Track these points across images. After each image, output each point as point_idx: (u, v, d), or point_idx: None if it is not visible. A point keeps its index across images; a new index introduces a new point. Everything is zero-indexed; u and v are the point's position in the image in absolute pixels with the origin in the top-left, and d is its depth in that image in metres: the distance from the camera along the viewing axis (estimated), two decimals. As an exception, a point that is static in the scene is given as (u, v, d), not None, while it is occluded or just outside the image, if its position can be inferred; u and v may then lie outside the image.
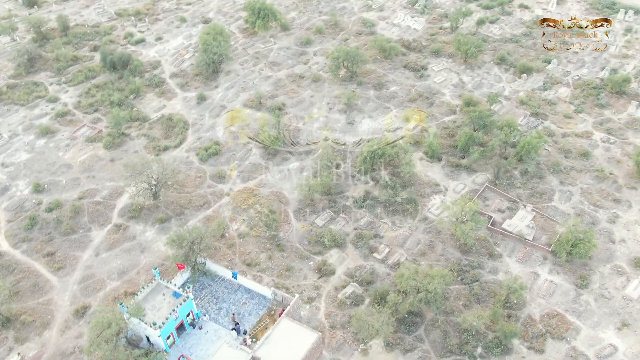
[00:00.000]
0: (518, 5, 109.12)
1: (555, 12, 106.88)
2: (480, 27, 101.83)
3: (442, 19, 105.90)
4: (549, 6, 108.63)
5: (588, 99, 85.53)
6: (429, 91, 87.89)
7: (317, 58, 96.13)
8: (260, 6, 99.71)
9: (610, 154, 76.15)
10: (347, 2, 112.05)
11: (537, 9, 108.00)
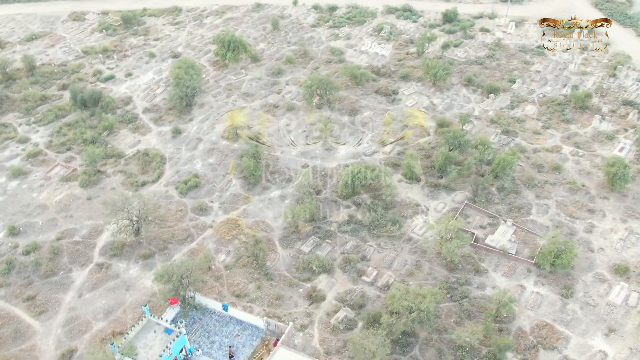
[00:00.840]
0: (479, 29, 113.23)
1: (515, 34, 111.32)
2: (445, 50, 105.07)
3: (408, 44, 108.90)
4: (508, 29, 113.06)
5: (554, 115, 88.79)
6: (402, 115, 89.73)
7: (289, 87, 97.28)
8: (229, 39, 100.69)
9: (580, 166, 78.93)
10: (314, 32, 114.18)
11: (497, 32, 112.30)
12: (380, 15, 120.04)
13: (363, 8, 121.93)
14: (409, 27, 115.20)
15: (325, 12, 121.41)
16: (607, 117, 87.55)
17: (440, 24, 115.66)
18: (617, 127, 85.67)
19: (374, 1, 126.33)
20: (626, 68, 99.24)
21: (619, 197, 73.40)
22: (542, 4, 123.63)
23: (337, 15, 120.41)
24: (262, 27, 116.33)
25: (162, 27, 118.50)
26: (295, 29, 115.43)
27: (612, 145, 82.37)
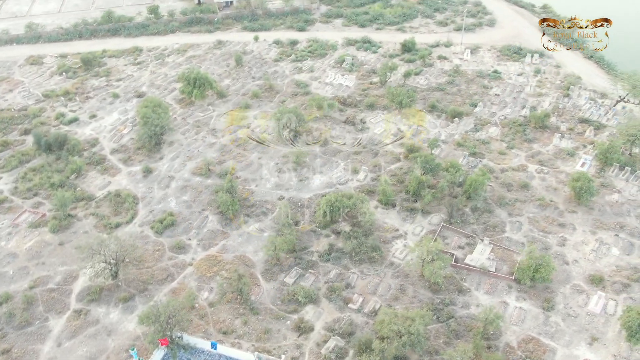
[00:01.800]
0: (437, 57, 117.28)
1: (471, 60, 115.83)
2: (407, 79, 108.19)
3: (371, 74, 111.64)
4: (465, 56, 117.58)
5: (516, 136, 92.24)
6: (371, 143, 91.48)
7: (258, 121, 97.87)
8: (195, 76, 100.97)
9: (547, 183, 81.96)
10: (277, 67, 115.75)
11: (454, 59, 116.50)
12: (340, 47, 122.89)
13: (323, 41, 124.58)
14: (370, 58, 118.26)
15: (287, 47, 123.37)
16: (566, 135, 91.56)
17: (399, 53, 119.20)
18: (577, 144, 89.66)
19: (333, 34, 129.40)
20: (578, 88, 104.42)
21: (586, 210, 76.42)
22: (493, 31, 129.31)
23: (298, 49, 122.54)
24: (226, 63, 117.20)
25: (123, 67, 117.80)
26: (259, 64, 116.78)
27: (574, 161, 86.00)
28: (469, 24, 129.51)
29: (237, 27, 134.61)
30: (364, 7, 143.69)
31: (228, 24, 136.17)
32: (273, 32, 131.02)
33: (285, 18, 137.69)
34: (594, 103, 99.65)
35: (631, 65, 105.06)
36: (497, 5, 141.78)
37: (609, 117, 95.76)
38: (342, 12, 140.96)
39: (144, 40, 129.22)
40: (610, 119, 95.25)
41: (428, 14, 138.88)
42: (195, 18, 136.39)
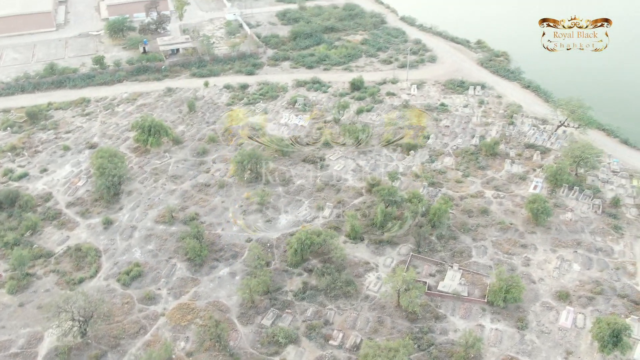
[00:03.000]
0: (386, 93, 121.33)
1: (418, 95, 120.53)
2: (360, 116, 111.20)
3: (324, 113, 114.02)
4: (411, 91, 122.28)
5: (470, 164, 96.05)
6: (332, 179, 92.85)
7: (217, 165, 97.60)
8: (149, 123, 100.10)
9: (504, 207, 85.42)
10: (231, 111, 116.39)
11: (402, 94, 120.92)
12: (291, 88, 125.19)
13: (274, 84, 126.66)
14: (321, 98, 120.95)
15: (238, 91, 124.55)
16: (515, 160, 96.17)
17: (349, 92, 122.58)
18: (527, 168, 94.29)
19: (282, 76, 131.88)
20: (520, 116, 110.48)
21: (544, 230, 80.00)
22: (435, 67, 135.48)
23: (249, 92, 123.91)
24: (178, 110, 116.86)
25: (71, 119, 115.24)
26: (212, 109, 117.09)
27: (526, 184, 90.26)
28: (412, 61, 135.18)
29: (185, 74, 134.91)
30: (309, 49, 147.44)
31: (176, 71, 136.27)
32: (222, 77, 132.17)
33: (233, 63, 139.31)
34: (537, 129, 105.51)
35: (564, 93, 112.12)
36: (435, 43, 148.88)
37: (552, 142, 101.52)
38: (288, 55, 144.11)
39: (91, 90, 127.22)
40: (554, 143, 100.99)
41: (371, 54, 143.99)
42: (142, 67, 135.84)
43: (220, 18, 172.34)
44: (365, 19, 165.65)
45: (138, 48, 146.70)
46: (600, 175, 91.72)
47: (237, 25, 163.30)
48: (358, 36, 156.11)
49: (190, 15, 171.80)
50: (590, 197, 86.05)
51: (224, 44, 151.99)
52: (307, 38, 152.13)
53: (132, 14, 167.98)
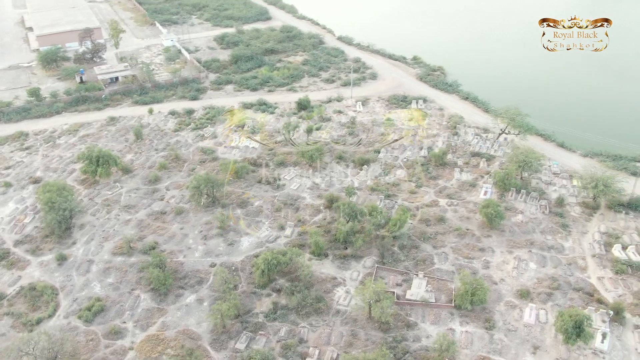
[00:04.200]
0: (333, 111, 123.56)
1: (364, 111, 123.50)
2: (310, 134, 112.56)
3: (274, 134, 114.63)
4: (357, 108, 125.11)
5: (422, 175, 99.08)
6: (290, 198, 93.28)
7: (171, 192, 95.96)
8: (97, 154, 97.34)
9: (459, 214, 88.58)
10: (179, 136, 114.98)
11: (348, 112, 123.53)
12: (238, 112, 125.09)
13: (220, 107, 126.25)
14: (269, 119, 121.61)
15: (184, 116, 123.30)
16: (464, 168, 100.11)
17: (296, 112, 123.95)
18: (475, 175, 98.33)
19: (227, 100, 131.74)
20: (463, 126, 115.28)
21: (499, 232, 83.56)
22: (377, 83, 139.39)
23: (196, 117, 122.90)
24: (124, 138, 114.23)
25: (10, 154, 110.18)
26: (159, 136, 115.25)
27: (476, 191, 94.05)
28: (355, 78, 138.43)
29: (127, 102, 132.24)
30: (252, 72, 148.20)
31: (117, 99, 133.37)
32: (167, 104, 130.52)
33: (176, 89, 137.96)
34: (480, 138, 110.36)
35: (500, 102, 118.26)
36: (375, 61, 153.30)
37: (495, 149, 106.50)
38: (231, 78, 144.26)
39: (28, 124, 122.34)
40: (497, 150, 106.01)
41: (314, 73, 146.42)
42: (81, 97, 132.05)
43: (157, 45, 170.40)
44: (304, 40, 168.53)
45: (74, 78, 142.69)
46: (543, 178, 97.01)
47: (176, 51, 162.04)
48: (298, 57, 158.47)
49: (126, 43, 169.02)
50: (536, 198, 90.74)
51: (164, 70, 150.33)
52: (248, 61, 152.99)
53: (64, 43, 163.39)
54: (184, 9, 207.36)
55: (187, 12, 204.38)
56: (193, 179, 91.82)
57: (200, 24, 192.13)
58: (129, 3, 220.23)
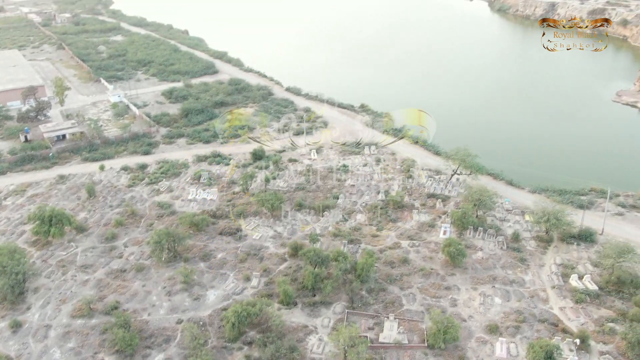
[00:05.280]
0: (288, 160, 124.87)
1: (319, 159, 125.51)
2: (268, 184, 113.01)
3: (231, 185, 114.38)
4: (312, 156, 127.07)
5: (382, 218, 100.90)
6: (253, 249, 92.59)
7: (129, 249, 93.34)
8: (50, 213, 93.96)
9: (421, 254, 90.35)
10: (133, 192, 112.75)
11: (304, 160, 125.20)
12: (192, 164, 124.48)
13: (174, 161, 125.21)
14: (225, 170, 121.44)
15: (137, 171, 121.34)
16: (421, 210, 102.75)
17: (251, 162, 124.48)
18: (433, 216, 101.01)
19: (181, 153, 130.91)
20: (416, 169, 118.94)
21: (462, 270, 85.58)
22: (328, 131, 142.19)
23: (149, 172, 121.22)
24: (76, 197, 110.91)
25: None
26: (113, 192, 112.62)
27: (436, 231, 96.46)
28: (307, 127, 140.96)
29: (76, 159, 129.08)
30: (203, 124, 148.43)
31: (65, 157, 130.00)
32: (118, 159, 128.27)
33: (127, 144, 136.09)
34: (433, 179, 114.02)
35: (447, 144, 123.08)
36: (324, 109, 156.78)
37: (449, 189, 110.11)
38: (182, 131, 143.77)
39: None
40: (451, 191, 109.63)
41: (265, 124, 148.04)
42: (27, 156, 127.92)
43: (103, 101, 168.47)
44: (253, 92, 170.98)
45: (19, 137, 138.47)
46: (497, 215, 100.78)
47: (124, 107, 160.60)
48: (249, 109, 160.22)
49: (71, 100, 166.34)
50: (494, 235, 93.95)
51: (113, 126, 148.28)
52: (199, 114, 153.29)
53: (5, 102, 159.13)
54: (129, 65, 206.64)
55: (132, 68, 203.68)
56: (154, 234, 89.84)
57: (146, 79, 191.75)
58: (71, 61, 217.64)
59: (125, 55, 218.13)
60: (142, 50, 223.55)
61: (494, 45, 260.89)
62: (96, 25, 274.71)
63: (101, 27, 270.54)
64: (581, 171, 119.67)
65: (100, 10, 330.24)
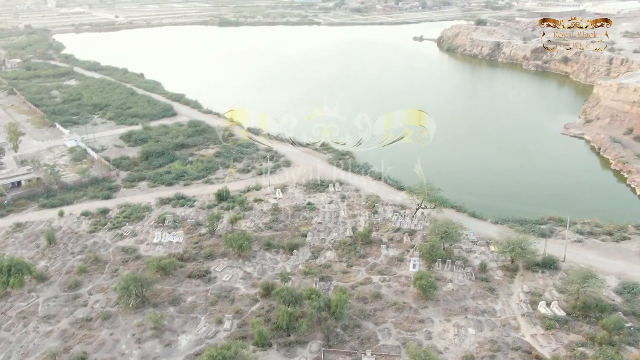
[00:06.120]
0: (253, 200, 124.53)
1: (285, 198, 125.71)
2: (234, 224, 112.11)
3: (197, 227, 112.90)
4: (277, 195, 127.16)
5: (351, 254, 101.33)
6: (224, 291, 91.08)
7: (95, 296, 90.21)
8: (8, 263, 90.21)
9: (393, 288, 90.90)
10: (95, 237, 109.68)
11: (270, 199, 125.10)
12: (155, 207, 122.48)
13: (136, 205, 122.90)
14: (189, 212, 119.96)
15: (99, 216, 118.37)
16: (389, 245, 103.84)
17: (216, 203, 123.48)
18: (401, 250, 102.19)
19: (143, 197, 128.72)
20: (381, 205, 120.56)
21: (434, 303, 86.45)
22: (292, 170, 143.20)
23: (111, 216, 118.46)
24: (35, 244, 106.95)
25: None
26: (74, 238, 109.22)
27: (405, 265, 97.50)
28: (270, 167, 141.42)
29: (33, 207, 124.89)
30: (164, 167, 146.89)
31: (21, 204, 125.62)
32: (78, 205, 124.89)
33: (86, 189, 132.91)
34: (399, 214, 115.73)
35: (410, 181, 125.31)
36: (286, 149, 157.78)
37: (415, 223, 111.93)
38: (144, 175, 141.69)
39: None
40: (417, 224, 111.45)
41: (228, 165, 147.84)
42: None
43: (59, 146, 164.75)
44: (214, 134, 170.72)
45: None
46: (463, 247, 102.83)
47: (82, 151, 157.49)
48: (210, 150, 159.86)
49: (25, 145, 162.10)
50: (462, 266, 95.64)
51: (70, 171, 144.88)
52: (160, 156, 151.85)
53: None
54: (85, 109, 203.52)
55: (88, 112, 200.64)
56: (121, 280, 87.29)
57: (103, 123, 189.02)
58: (23, 106, 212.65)
59: (80, 99, 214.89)
60: (97, 94, 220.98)
61: (446, 82, 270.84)
62: (48, 70, 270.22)
63: (54, 72, 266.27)
64: (538, 201, 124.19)
65: (52, 55, 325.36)
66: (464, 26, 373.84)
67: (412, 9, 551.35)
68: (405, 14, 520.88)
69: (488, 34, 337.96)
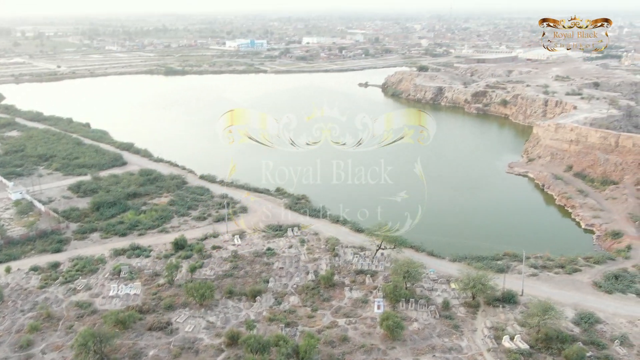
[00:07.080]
0: (211, 247, 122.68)
1: (244, 244, 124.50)
2: (194, 273, 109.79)
3: (154, 277, 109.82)
4: (235, 241, 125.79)
5: (314, 298, 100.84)
6: (187, 342, 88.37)
7: (49, 355, 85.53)
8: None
9: (359, 330, 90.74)
10: (46, 293, 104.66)
11: (229, 246, 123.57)
12: (109, 259, 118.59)
13: (89, 257, 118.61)
14: (146, 263, 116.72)
15: (49, 271, 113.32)
16: (352, 287, 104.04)
17: (173, 252, 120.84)
18: (364, 292, 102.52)
19: (95, 248, 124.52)
20: (341, 247, 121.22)
21: (401, 343, 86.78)
22: (250, 216, 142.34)
23: (63, 270, 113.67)
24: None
25: None
26: (23, 295, 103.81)
27: (369, 306, 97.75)
28: (227, 213, 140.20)
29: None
30: (117, 217, 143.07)
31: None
32: (26, 260, 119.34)
33: (34, 243, 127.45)
34: (359, 256, 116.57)
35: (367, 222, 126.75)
36: (241, 195, 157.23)
37: (376, 264, 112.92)
38: (95, 226, 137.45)
39: None
40: (378, 265, 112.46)
41: (183, 213, 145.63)
42: None
43: (3, 199, 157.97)
44: (166, 182, 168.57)
45: None
46: (425, 285, 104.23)
47: (28, 204, 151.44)
48: (163, 198, 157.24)
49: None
50: (425, 305, 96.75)
51: (16, 224, 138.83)
52: (111, 207, 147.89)
53: None
54: (29, 160, 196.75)
55: (33, 163, 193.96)
56: (78, 336, 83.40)
57: (49, 174, 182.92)
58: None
59: (23, 150, 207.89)
60: (42, 145, 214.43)
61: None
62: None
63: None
64: (492, 237, 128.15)
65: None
66: (407, 72, 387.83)
67: (355, 57, 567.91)
68: (349, 62, 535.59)
69: (430, 79, 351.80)
